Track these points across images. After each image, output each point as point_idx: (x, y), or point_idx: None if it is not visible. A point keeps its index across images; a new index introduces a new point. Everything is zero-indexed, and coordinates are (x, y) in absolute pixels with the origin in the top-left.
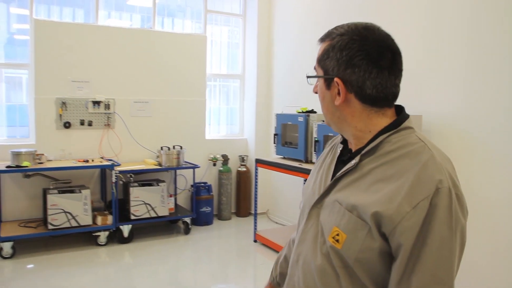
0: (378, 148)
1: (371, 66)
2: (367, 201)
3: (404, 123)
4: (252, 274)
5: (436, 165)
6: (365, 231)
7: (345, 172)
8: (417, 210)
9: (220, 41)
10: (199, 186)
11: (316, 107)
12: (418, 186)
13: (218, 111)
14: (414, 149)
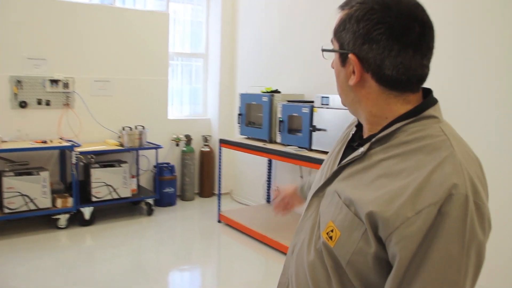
0: (391, 137)
1: (392, 42)
2: (366, 197)
3: (428, 110)
4: (217, 255)
5: (454, 165)
6: (361, 231)
7: (351, 160)
8: (421, 216)
9: (183, 19)
10: (162, 166)
11: (280, 87)
12: (426, 188)
13: (181, 90)
14: (432, 143)
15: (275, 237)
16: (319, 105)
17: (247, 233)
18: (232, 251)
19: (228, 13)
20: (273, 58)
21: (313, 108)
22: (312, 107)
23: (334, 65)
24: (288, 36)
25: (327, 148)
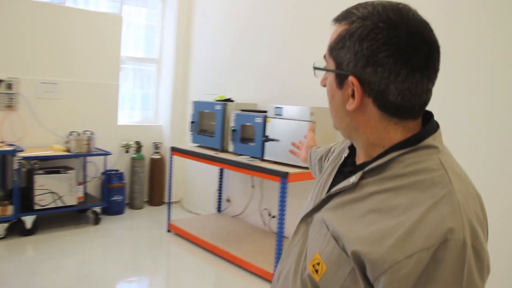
0: (386, 167)
1: (400, 65)
2: (354, 233)
3: (427, 139)
4: (166, 266)
5: (451, 206)
6: (348, 268)
7: (340, 190)
8: (411, 261)
9: (137, 23)
10: (110, 173)
11: (234, 96)
12: (419, 230)
13: (132, 95)
14: (429, 178)
15: (225, 247)
16: (272, 116)
17: (197, 243)
18: (182, 261)
19: (183, 19)
20: (227, 66)
21: (266, 118)
22: (266, 117)
23: (328, 85)
24: (243, 44)
25: (279, 158)
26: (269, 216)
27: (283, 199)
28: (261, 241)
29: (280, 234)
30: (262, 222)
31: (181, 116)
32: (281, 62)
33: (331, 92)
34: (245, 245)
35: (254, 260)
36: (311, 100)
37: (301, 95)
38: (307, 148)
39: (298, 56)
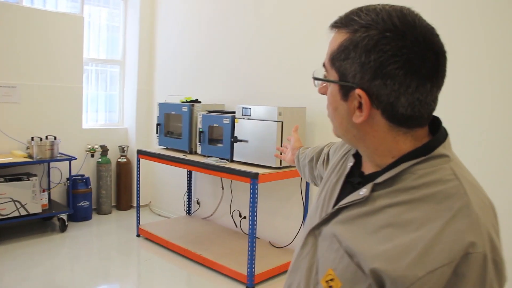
0: (398, 179)
1: (410, 77)
2: (370, 250)
3: (438, 148)
4: (136, 271)
5: (470, 219)
6: (365, 285)
7: (350, 203)
8: (433, 277)
9: (99, 23)
10: (75, 179)
11: (200, 97)
12: (439, 244)
13: (96, 98)
14: (444, 189)
15: (196, 250)
16: (240, 116)
17: (168, 247)
18: (153, 266)
19: (146, 19)
20: (193, 67)
21: (234, 119)
22: (234, 118)
23: (330, 96)
24: (208, 45)
25: (248, 159)
26: (240, 217)
27: (254, 200)
28: (233, 242)
29: (252, 235)
30: (233, 223)
31: (146, 118)
32: (248, 62)
33: (334, 104)
34: (217, 247)
35: (227, 262)
36: (278, 100)
37: (268, 95)
38: (293, 149)
39: (264, 55)
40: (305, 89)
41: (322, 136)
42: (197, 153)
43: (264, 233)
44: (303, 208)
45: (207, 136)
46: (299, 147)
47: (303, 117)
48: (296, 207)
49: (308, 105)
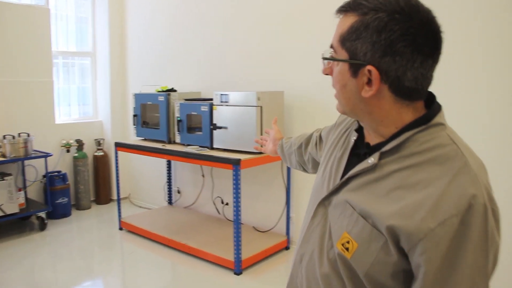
0: (402, 147)
1: (416, 54)
2: (384, 210)
3: (435, 118)
4: (121, 265)
5: (470, 176)
6: (380, 242)
7: (359, 172)
8: (444, 228)
9: (66, 15)
10: (52, 175)
11: (176, 86)
12: (446, 199)
13: (67, 91)
14: (445, 152)
15: (181, 239)
16: (218, 103)
17: (151, 238)
18: (137, 259)
19: (116, 8)
20: (166, 55)
21: (212, 106)
22: (212, 105)
23: (337, 74)
24: (180, 32)
25: (229, 146)
26: (223, 204)
27: (237, 186)
28: (217, 229)
29: (237, 221)
30: (216, 210)
31: (122, 110)
32: (221, 48)
33: (343, 81)
34: (202, 235)
35: (213, 249)
36: (254, 85)
37: (244, 80)
38: (274, 140)
39: (238, 41)
40: (281, 72)
41: (300, 118)
42: (177, 143)
43: (247, 218)
44: (285, 191)
45: (186, 124)
46: (280, 138)
47: (281, 100)
48: (278, 191)
49: (285, 88)
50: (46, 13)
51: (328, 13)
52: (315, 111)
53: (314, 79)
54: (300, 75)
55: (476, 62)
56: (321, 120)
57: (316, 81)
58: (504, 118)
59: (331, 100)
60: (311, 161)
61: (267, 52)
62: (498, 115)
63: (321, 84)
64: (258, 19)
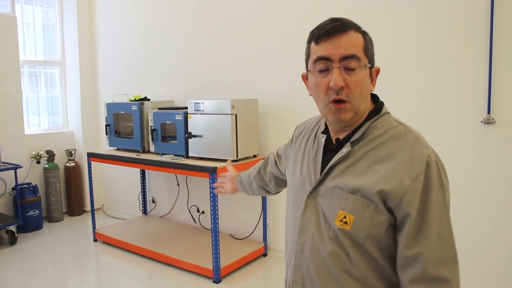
0: (366, 134)
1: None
2: (369, 181)
3: (383, 108)
4: (96, 277)
5: (422, 143)
6: (372, 208)
7: (339, 160)
8: (416, 182)
9: (33, 23)
10: (22, 188)
11: (149, 94)
12: (412, 162)
13: (36, 101)
14: (397, 131)
15: (158, 249)
16: (193, 111)
17: (127, 248)
18: (113, 270)
19: (84, 17)
20: (138, 64)
21: (187, 114)
22: (186, 114)
23: (365, 78)
24: (152, 41)
25: (204, 154)
26: (199, 213)
27: (214, 194)
28: (194, 238)
29: (215, 229)
30: (192, 219)
31: (93, 120)
32: (193, 56)
33: (365, 83)
34: (179, 245)
35: (191, 258)
36: (227, 93)
37: (217, 88)
38: (231, 179)
39: (210, 49)
40: (257, 81)
41: (274, 125)
42: (151, 152)
43: (224, 226)
44: (261, 199)
45: (160, 133)
46: (237, 175)
47: (256, 108)
48: (254, 198)
49: (259, 96)
50: (13, 22)
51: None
52: (289, 118)
53: (287, 87)
54: (273, 82)
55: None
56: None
57: (288, 88)
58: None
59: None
60: (273, 180)
61: (240, 59)
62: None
63: (293, 91)
64: (229, 26)
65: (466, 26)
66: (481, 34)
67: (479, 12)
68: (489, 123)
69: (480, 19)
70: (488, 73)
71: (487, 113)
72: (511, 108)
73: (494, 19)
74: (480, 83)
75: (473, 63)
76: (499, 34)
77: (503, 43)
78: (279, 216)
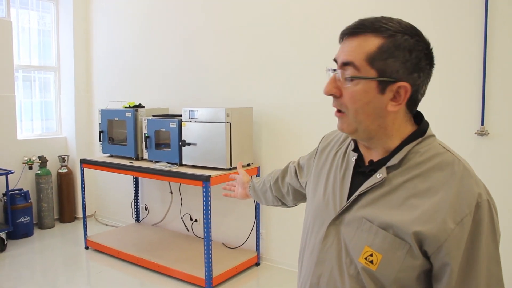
0: (405, 159)
1: (431, 71)
2: (404, 219)
3: (428, 131)
4: (87, 286)
5: (472, 177)
6: (405, 249)
7: (370, 187)
8: (462, 226)
9: (28, 28)
10: (13, 194)
11: (144, 101)
12: (459, 201)
13: (30, 106)
14: (443, 159)
15: (150, 257)
16: (187, 119)
17: (118, 256)
18: (105, 278)
19: (81, 22)
20: (133, 71)
21: (181, 122)
22: (181, 121)
23: (362, 92)
24: (146, 48)
25: (198, 162)
26: (191, 221)
27: (207, 203)
28: (187, 246)
29: (208, 238)
30: (185, 227)
31: (87, 126)
32: (188, 64)
33: (366, 99)
34: (171, 253)
35: (183, 267)
36: (222, 101)
37: (213, 96)
38: (243, 183)
39: (205, 57)
40: (251, 89)
41: (269, 134)
42: (144, 159)
43: (217, 235)
44: (255, 207)
45: (154, 141)
46: (248, 180)
47: (250, 117)
48: (247, 207)
49: (254, 105)
50: (8, 26)
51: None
52: (283, 128)
53: (282, 96)
54: (267, 91)
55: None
56: (289, 137)
57: (283, 98)
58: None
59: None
60: (291, 192)
61: (235, 68)
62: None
63: (288, 101)
64: (225, 35)
65: (460, 38)
66: (475, 46)
67: (473, 24)
68: (483, 134)
69: (474, 30)
70: (482, 84)
71: (481, 125)
72: (505, 119)
73: (488, 31)
74: (474, 95)
75: (466, 74)
76: (492, 46)
77: (497, 54)
78: (272, 225)
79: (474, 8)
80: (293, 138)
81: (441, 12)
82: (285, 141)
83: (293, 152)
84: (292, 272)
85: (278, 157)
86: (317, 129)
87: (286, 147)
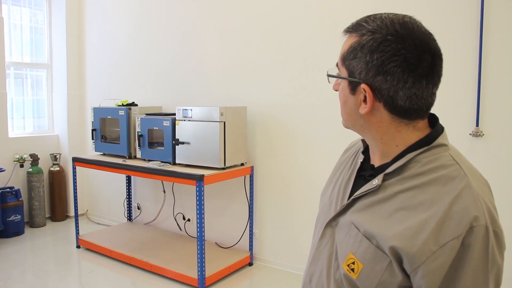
0: (405, 168)
1: (407, 74)
2: (388, 231)
3: (438, 139)
4: (79, 285)
5: (472, 197)
6: (385, 263)
7: (365, 192)
8: (445, 250)
9: (20, 24)
10: (4, 192)
11: (137, 100)
12: (448, 221)
13: (21, 104)
14: (447, 173)
15: (142, 257)
16: (181, 118)
17: (110, 255)
18: (97, 278)
19: (73, 20)
20: (126, 69)
21: (175, 121)
22: (174, 120)
23: (340, 90)
24: (139, 46)
25: (191, 161)
26: (184, 220)
27: (200, 202)
28: (179, 246)
29: (201, 237)
30: (178, 226)
31: (79, 124)
32: (182, 63)
33: (344, 97)
34: (163, 252)
35: (175, 266)
36: (216, 100)
37: (206, 95)
38: None
39: (199, 56)
40: (246, 88)
41: (263, 133)
42: (137, 158)
43: (210, 235)
44: (248, 207)
45: (147, 139)
46: None
47: (244, 116)
48: (241, 207)
49: (248, 104)
50: (0, 23)
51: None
52: (277, 127)
53: (276, 95)
54: (262, 90)
55: None
56: (283, 136)
57: (278, 97)
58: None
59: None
60: None
61: (229, 67)
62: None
63: (282, 100)
64: (219, 34)
65: (455, 39)
66: (470, 47)
67: (468, 25)
68: (478, 135)
69: (470, 32)
70: (477, 85)
71: (476, 126)
72: (500, 120)
73: (483, 32)
74: (468, 96)
75: (461, 75)
76: (488, 46)
77: (492, 56)
78: (265, 225)
79: (470, 9)
80: (287, 138)
81: (436, 13)
82: (279, 141)
83: (287, 152)
84: (285, 272)
85: (272, 156)
86: (311, 129)
87: (280, 146)
